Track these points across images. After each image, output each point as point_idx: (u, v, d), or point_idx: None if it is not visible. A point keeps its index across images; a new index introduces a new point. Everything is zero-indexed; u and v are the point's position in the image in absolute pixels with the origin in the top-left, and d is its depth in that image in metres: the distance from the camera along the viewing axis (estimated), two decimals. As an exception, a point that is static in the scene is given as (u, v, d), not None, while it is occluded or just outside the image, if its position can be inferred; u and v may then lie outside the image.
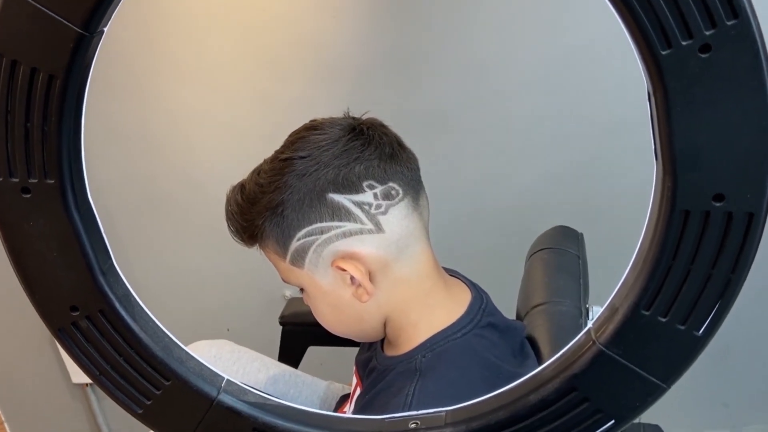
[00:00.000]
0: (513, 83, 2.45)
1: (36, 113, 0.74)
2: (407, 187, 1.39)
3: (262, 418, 0.88)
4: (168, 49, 2.62)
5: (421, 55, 2.47)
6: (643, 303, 0.74)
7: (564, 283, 1.72)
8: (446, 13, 2.41)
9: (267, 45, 2.54)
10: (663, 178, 0.70)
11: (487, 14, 2.39)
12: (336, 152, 1.35)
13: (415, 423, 0.87)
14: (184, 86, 2.67)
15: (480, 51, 2.43)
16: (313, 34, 2.50)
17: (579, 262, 1.81)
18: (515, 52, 2.41)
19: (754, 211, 0.68)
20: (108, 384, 0.87)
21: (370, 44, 2.49)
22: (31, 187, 0.77)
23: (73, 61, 0.72)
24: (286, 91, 2.59)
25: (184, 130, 2.75)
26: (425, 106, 2.52)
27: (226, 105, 2.67)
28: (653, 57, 0.64)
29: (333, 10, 2.45)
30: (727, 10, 0.62)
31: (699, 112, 0.65)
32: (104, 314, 0.83)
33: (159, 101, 2.72)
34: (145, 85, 2.70)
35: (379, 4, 2.43)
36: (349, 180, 1.33)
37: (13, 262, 0.82)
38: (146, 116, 2.76)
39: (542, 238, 1.92)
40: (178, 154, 2.79)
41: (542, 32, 2.37)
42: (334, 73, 2.54)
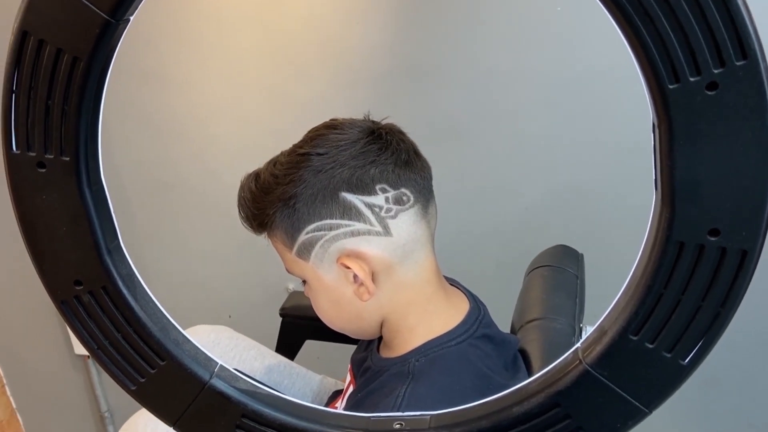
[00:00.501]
0: (527, 101, 2.45)
1: (58, 92, 0.75)
2: (418, 194, 1.39)
3: (251, 406, 0.88)
4: (195, 39, 2.63)
5: (440, 65, 2.47)
6: (632, 328, 0.74)
7: (560, 301, 1.72)
8: (469, 27, 2.41)
9: (291, 44, 2.55)
10: (661, 208, 0.70)
11: (508, 31, 2.39)
12: (353, 153, 1.35)
13: (400, 424, 0.87)
14: (208, 77, 2.68)
15: (497, 66, 2.42)
16: (338, 37, 2.50)
17: (577, 281, 1.81)
18: (531, 71, 2.41)
19: (748, 249, 0.68)
20: (104, 358, 0.88)
21: (392, 52, 2.49)
22: (47, 162, 0.77)
23: (97, 45, 0.73)
24: (306, 90, 2.60)
25: (203, 119, 2.75)
26: (439, 116, 2.52)
27: (247, 98, 2.67)
28: (660, 90, 0.64)
29: (358, 16, 2.45)
30: (737, 50, 0.62)
31: (701, 147, 0.65)
32: (107, 291, 0.83)
33: (182, 89, 2.72)
34: (169, 73, 2.71)
35: (404, 14, 2.44)
36: (363, 181, 1.34)
37: (24, 233, 0.82)
38: (168, 103, 2.76)
39: (543, 255, 1.92)
40: (196, 141, 2.79)
41: (558, 54, 2.37)
42: (355, 76, 2.54)
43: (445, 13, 2.40)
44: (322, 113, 1.48)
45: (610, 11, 0.64)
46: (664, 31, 0.62)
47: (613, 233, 2.51)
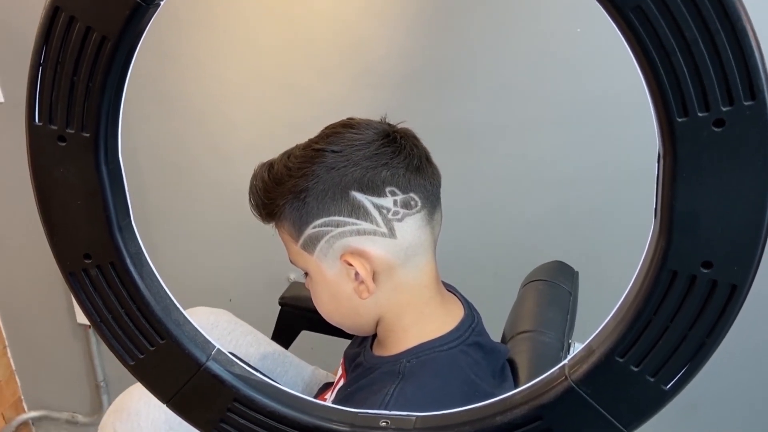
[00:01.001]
0: (539, 118, 2.45)
1: (83, 69, 0.75)
2: (426, 200, 1.39)
3: (243, 391, 0.88)
4: (222, 29, 2.63)
5: (458, 76, 2.47)
6: (619, 350, 0.74)
7: (552, 316, 1.72)
8: (491, 42, 2.41)
9: (316, 41, 2.55)
10: (658, 236, 0.70)
11: (528, 48, 2.39)
12: (367, 153, 1.35)
13: (386, 422, 0.87)
14: (231, 66, 2.68)
15: (514, 82, 2.43)
16: (362, 38, 2.50)
17: (570, 298, 1.81)
18: (546, 89, 2.41)
19: (738, 284, 0.68)
20: (106, 332, 0.88)
21: (414, 57, 2.49)
22: (67, 136, 0.78)
23: (126, 27, 0.73)
24: (326, 87, 2.60)
25: (223, 107, 2.75)
26: (453, 125, 2.52)
27: (267, 90, 2.67)
28: (669, 122, 0.64)
29: (381, 19, 2.46)
30: (746, 90, 0.62)
31: (703, 181, 0.65)
32: (114, 267, 0.83)
33: (205, 76, 2.72)
34: (194, 59, 2.71)
35: (429, 22, 2.44)
36: (373, 182, 1.34)
37: (39, 203, 0.82)
38: (190, 89, 2.76)
39: (539, 270, 1.92)
40: (213, 128, 2.80)
41: (573, 74, 2.37)
42: (375, 78, 2.54)
43: (469, 26, 2.41)
44: (339, 111, 1.48)
45: (628, 41, 0.64)
46: (678, 65, 0.62)
47: (610, 255, 2.51)
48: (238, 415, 0.89)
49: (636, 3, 0.61)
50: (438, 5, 2.41)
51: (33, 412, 3.65)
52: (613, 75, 2.27)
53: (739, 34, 0.61)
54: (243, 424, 0.89)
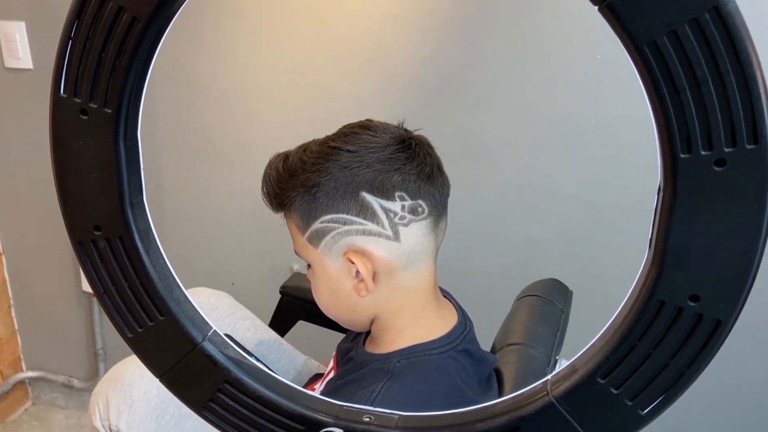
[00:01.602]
0: (551, 138, 2.45)
1: (112, 47, 0.75)
2: (433, 208, 1.39)
3: (235, 374, 0.88)
4: (252, 19, 2.63)
5: (478, 89, 2.47)
6: (601, 371, 0.74)
7: (543, 331, 1.73)
8: (512, 60, 2.41)
9: (340, 40, 2.55)
10: (650, 266, 0.70)
11: (547, 69, 2.39)
12: (381, 157, 1.36)
13: (369, 417, 0.88)
14: (258, 57, 2.68)
15: (530, 100, 2.43)
16: (388, 43, 2.51)
17: (562, 316, 1.81)
18: (561, 110, 2.41)
19: (723, 320, 0.69)
20: (108, 303, 0.88)
21: (436, 67, 2.49)
22: (90, 110, 0.78)
23: (157, 9, 0.73)
24: (348, 87, 2.60)
25: (245, 95, 2.76)
26: (466, 137, 2.52)
27: (290, 84, 2.68)
28: (672, 156, 0.65)
29: (407, 26, 2.46)
30: (750, 134, 0.62)
31: (699, 218, 0.66)
32: (122, 241, 0.84)
33: (231, 64, 2.73)
34: (222, 46, 2.71)
35: (451, 32, 2.44)
36: (384, 186, 1.34)
37: (56, 172, 0.83)
38: (216, 75, 2.76)
39: (535, 285, 1.92)
40: (234, 114, 2.80)
41: (587, 98, 2.37)
42: (394, 81, 2.54)
43: (492, 43, 2.41)
44: (358, 112, 1.48)
45: (641, 74, 0.64)
46: (687, 102, 0.63)
47: (604, 278, 2.51)
48: (227, 396, 0.89)
49: (652, 38, 0.62)
50: (464, 20, 2.41)
51: (30, 372, 3.66)
52: (626, 104, 2.28)
53: (748, 79, 0.61)
54: (231, 405, 0.90)
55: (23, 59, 2.98)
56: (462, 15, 2.42)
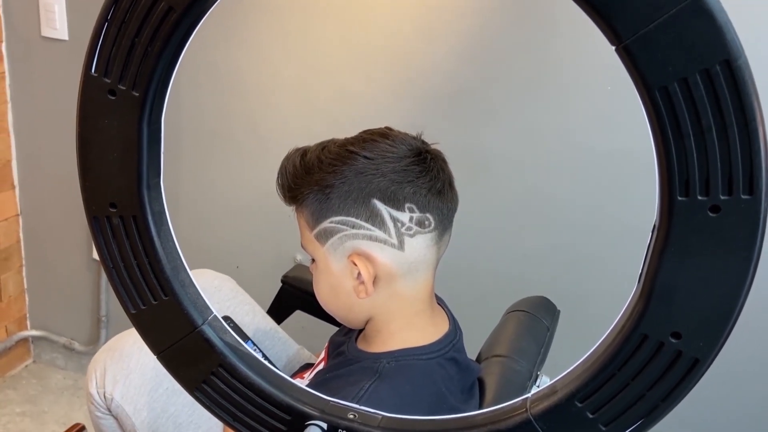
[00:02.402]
0: (557, 162, 2.45)
1: (146, 33, 0.76)
2: (439, 222, 1.40)
3: (229, 359, 0.89)
4: (282, 17, 2.64)
5: (490, 104, 2.47)
6: (580, 395, 0.74)
7: (527, 346, 1.73)
8: (529, 81, 2.41)
9: (365, 46, 2.55)
10: (637, 299, 0.70)
11: (560, 96, 2.39)
12: (396, 168, 1.36)
13: (354, 414, 0.88)
14: (285, 53, 2.68)
15: (541, 124, 2.43)
16: (408, 52, 2.51)
17: (547, 333, 1.81)
18: (570, 138, 2.41)
19: (701, 359, 0.69)
20: (116, 278, 0.89)
21: (453, 79, 2.49)
22: (118, 92, 0.78)
23: (194, 1, 0.73)
24: (370, 91, 2.60)
25: (268, 89, 2.76)
26: (479, 152, 2.52)
27: (315, 82, 2.68)
28: (670, 198, 0.65)
29: (432, 39, 2.46)
30: (746, 185, 0.62)
31: (689, 259, 0.66)
32: (135, 220, 0.84)
33: (257, 58, 2.73)
34: (251, 40, 2.71)
35: (473, 49, 2.44)
36: (396, 196, 1.34)
37: (79, 147, 0.83)
38: (244, 67, 2.77)
39: (524, 301, 1.92)
40: (257, 107, 2.80)
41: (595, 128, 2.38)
42: (414, 91, 2.54)
43: (511, 65, 2.41)
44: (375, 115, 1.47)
45: (649, 116, 0.64)
46: (690, 148, 0.63)
47: (593, 302, 2.51)
48: (220, 380, 0.90)
49: (663, 83, 0.62)
50: (487, 41, 2.42)
51: (34, 331, 3.66)
52: (631, 138, 2.27)
53: (750, 133, 0.61)
54: (223, 389, 0.90)
55: (60, 30, 2.97)
56: (486, 35, 2.42)
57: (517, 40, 2.40)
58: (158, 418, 1.68)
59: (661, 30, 0.61)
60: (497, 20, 2.40)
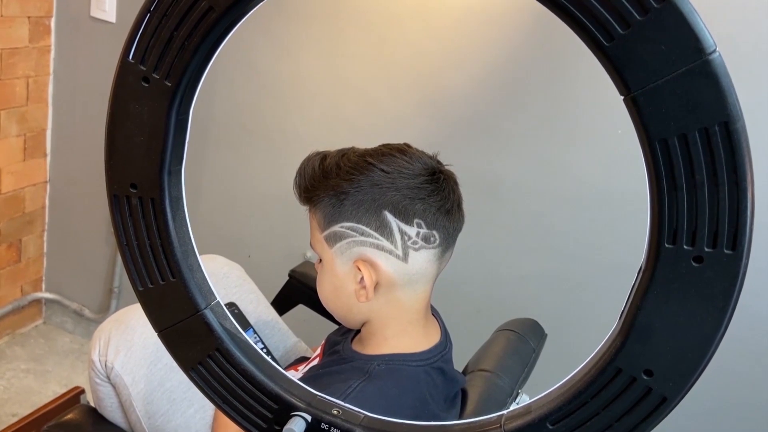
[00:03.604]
0: (562, 193, 2.46)
1: (185, 28, 0.77)
2: (444, 240, 1.40)
3: (226, 344, 0.89)
4: (322, 25, 2.65)
5: (503, 131, 2.48)
6: (552, 418, 0.75)
7: (512, 364, 1.73)
8: (545, 116, 2.42)
9: (394, 62, 2.56)
10: (616, 335, 0.71)
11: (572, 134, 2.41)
12: (410, 184, 1.36)
13: (338, 411, 0.89)
14: (317, 59, 2.69)
15: (550, 157, 2.44)
16: (434, 72, 2.51)
17: (533, 355, 1.82)
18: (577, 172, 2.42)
19: (668, 397, 0.70)
20: (128, 255, 0.90)
21: (474, 104, 2.50)
22: (152, 80, 0.79)
23: (234, 4, 0.74)
24: (391, 104, 2.61)
25: (298, 91, 2.77)
26: (484, 172, 2.53)
27: (339, 89, 2.69)
28: (657, 244, 0.66)
29: (456, 61, 2.47)
30: (730, 240, 0.63)
31: (669, 303, 0.66)
32: (153, 203, 0.85)
33: (291, 61, 2.74)
34: (287, 43, 2.72)
35: (497, 79, 2.45)
36: (406, 210, 1.34)
37: (108, 127, 0.84)
38: (278, 69, 2.78)
39: (514, 322, 1.92)
40: (288, 105, 2.81)
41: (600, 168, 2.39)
42: (435, 110, 2.55)
43: (529, 99, 2.43)
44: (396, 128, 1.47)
45: (647, 165, 0.65)
46: (682, 200, 0.64)
47: (579, 330, 2.51)
48: (215, 363, 0.90)
49: (664, 136, 0.63)
50: (510, 73, 2.43)
51: (48, 294, 3.67)
52: (632, 181, 2.28)
53: (740, 192, 0.62)
54: (216, 372, 0.91)
55: (108, 12, 2.99)
56: (509, 68, 2.43)
57: (538, 77, 2.41)
58: (154, 391, 1.69)
59: (668, 86, 0.62)
60: (521, 56, 2.41)
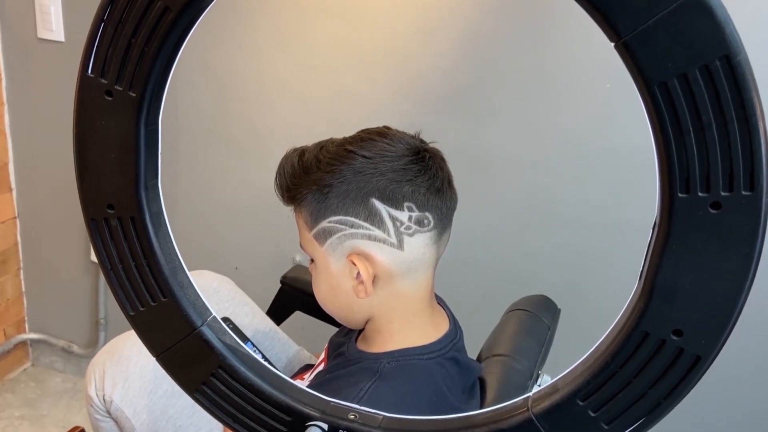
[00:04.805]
0: (556, 159, 2.45)
1: (142, 34, 0.76)
2: (439, 221, 1.39)
3: (229, 360, 0.89)
4: (280, 17, 2.63)
5: (489, 103, 2.47)
6: (582, 394, 0.74)
7: (528, 345, 1.72)
8: (527, 80, 2.41)
9: (364, 45, 2.55)
10: (638, 297, 0.70)
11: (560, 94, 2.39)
12: (395, 166, 1.35)
13: (354, 415, 0.88)
14: (282, 54, 2.68)
15: (540, 121, 2.43)
16: (406, 51, 2.51)
17: (548, 332, 1.81)
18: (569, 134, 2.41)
19: (702, 356, 0.69)
20: (114, 280, 0.89)
21: (451, 77, 2.49)
22: (115, 92, 0.79)
23: (190, 1, 0.73)
24: (369, 90, 2.60)
25: (265, 89, 2.76)
26: (477, 150, 2.53)
27: (312, 81, 2.68)
28: (670, 195, 0.65)
29: (430, 38, 2.46)
30: (747, 180, 0.62)
31: (690, 256, 0.66)
32: (134, 222, 0.84)
33: (254, 57, 2.73)
34: (247, 39, 2.71)
35: (472, 49, 2.44)
36: (394, 195, 1.34)
37: (76, 148, 0.83)
38: (241, 67, 2.77)
39: (525, 300, 1.91)
40: (254, 106, 2.80)
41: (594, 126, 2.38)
42: (412, 90, 2.54)
43: (509, 62, 2.41)
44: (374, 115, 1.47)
45: (648, 112, 0.64)
46: (690, 144, 0.63)
47: (594, 300, 2.50)
48: (220, 381, 0.89)
49: (663, 80, 0.62)
50: (484, 39, 2.42)
51: (33, 334, 3.66)
52: (630, 135, 2.27)
53: (751, 128, 0.61)
54: (223, 390, 0.90)
55: (56, 32, 2.97)
56: (483, 33, 2.42)
57: (515, 38, 2.40)
58: (158, 420, 1.68)
59: (660, 26, 0.61)
60: (495, 18, 2.40)
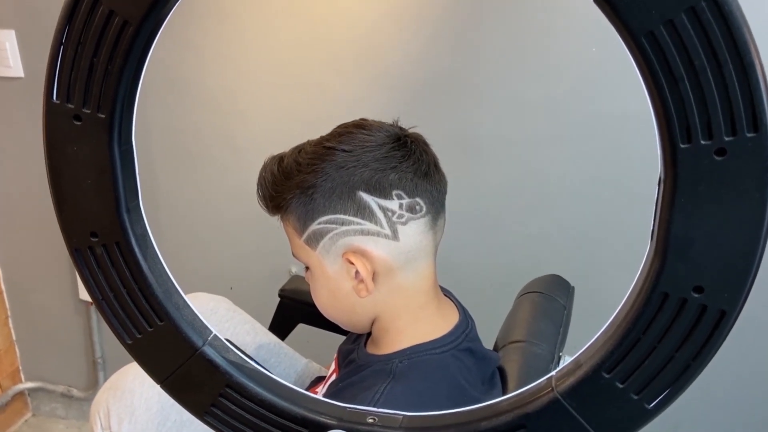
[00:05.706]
0: (547, 133, 2.45)
1: (104, 52, 0.76)
2: (431, 206, 1.39)
3: (236, 378, 0.88)
4: (242, 20, 2.63)
5: (472, 85, 2.47)
6: (606, 366, 0.74)
7: (545, 328, 1.72)
8: (506, 55, 2.41)
9: (332, 40, 2.55)
10: (653, 258, 0.70)
11: (542, 64, 2.39)
12: (377, 156, 1.35)
13: (373, 419, 0.88)
14: (249, 58, 2.68)
15: (526, 95, 2.43)
16: (378, 40, 2.51)
17: (564, 312, 1.81)
18: (557, 105, 2.41)
19: (727, 310, 0.69)
20: (107, 310, 0.88)
21: (430, 64, 2.49)
22: (83, 116, 0.78)
23: (149, 13, 0.73)
24: (341, 86, 2.60)
25: (238, 98, 2.76)
26: (464, 134, 2.52)
27: (282, 84, 2.68)
28: (672, 147, 0.64)
29: (400, 24, 2.46)
30: (750, 122, 0.62)
31: (700, 208, 0.65)
32: (119, 247, 0.84)
33: (222, 67, 2.73)
34: (213, 49, 2.71)
35: (444, 30, 2.44)
36: (381, 184, 1.33)
37: (51, 179, 0.83)
38: (207, 78, 2.77)
39: (536, 282, 1.91)
40: (227, 117, 2.80)
41: (584, 93, 2.37)
42: (388, 80, 2.54)
43: (485, 40, 2.41)
44: (353, 111, 1.47)
45: (638, 65, 0.64)
46: (686, 92, 0.63)
47: (606, 272, 2.51)
48: (229, 401, 0.89)
49: (649, 29, 0.62)
50: (456, 17, 2.42)
51: (29, 383, 3.66)
52: (623, 96, 2.28)
53: (747, 67, 0.61)
54: (234, 410, 0.90)
55: (14, 68, 2.98)
56: (454, 11, 2.42)
57: (489, 13, 2.40)
58: (170, 452, 1.68)
59: (639, -28, 0.61)
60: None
